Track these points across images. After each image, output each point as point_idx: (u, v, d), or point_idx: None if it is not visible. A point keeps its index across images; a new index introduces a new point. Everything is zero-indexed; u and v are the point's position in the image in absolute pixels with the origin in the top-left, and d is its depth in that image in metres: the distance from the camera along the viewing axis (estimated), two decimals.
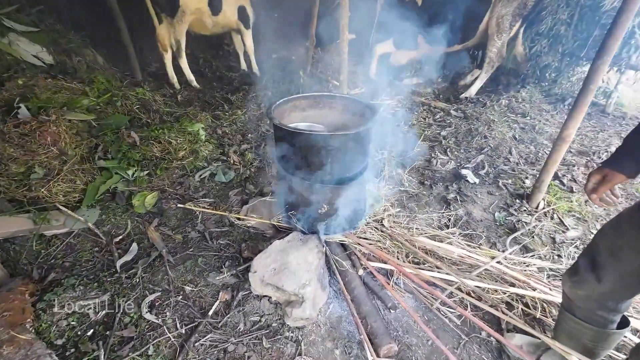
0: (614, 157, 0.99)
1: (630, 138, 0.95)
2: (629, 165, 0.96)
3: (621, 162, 0.97)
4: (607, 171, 0.99)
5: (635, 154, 0.94)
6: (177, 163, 2.39)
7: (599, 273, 1.00)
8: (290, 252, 1.54)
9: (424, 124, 3.21)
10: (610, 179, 0.99)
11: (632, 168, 0.95)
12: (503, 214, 2.18)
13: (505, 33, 3.57)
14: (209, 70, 4.27)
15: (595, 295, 1.04)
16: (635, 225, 0.89)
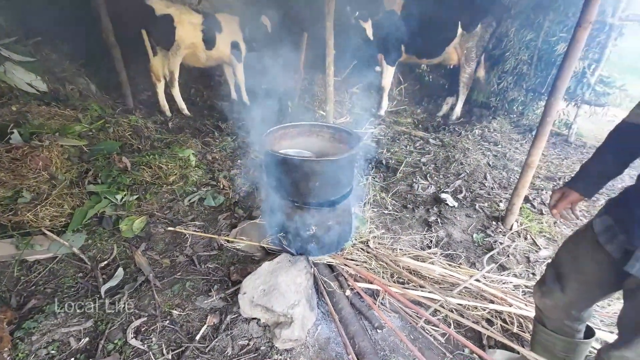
0: (572, 178, 1.15)
1: (586, 164, 1.12)
2: (583, 186, 1.11)
3: (577, 183, 1.12)
4: (565, 189, 1.14)
5: (588, 178, 1.10)
6: (167, 188, 2.42)
7: (562, 283, 1.11)
8: (279, 274, 1.58)
9: (405, 151, 3.41)
10: (568, 196, 1.13)
11: (585, 189, 1.10)
12: (481, 235, 2.31)
13: (472, 62, 4.00)
14: (200, 99, 4.43)
15: (560, 304, 1.14)
16: (589, 240, 1.02)
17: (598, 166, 1.09)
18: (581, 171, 1.13)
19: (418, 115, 4.53)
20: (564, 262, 1.13)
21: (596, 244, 0.98)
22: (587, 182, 1.11)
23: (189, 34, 3.42)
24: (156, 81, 3.54)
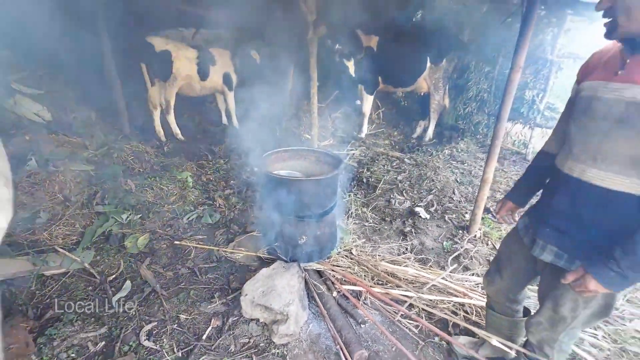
0: (509, 192, 1.50)
1: (518, 181, 1.48)
2: (516, 197, 1.47)
3: (512, 195, 1.48)
4: (505, 200, 1.50)
5: (519, 191, 1.45)
6: (168, 207, 2.64)
7: (501, 272, 1.44)
8: (275, 278, 1.83)
9: (384, 170, 3.79)
10: (506, 205, 1.49)
11: (518, 200, 1.46)
12: (449, 242, 2.64)
13: (440, 90, 4.54)
14: (193, 124, 4.70)
15: (501, 289, 1.46)
16: (516, 236, 1.35)
17: (525, 183, 1.45)
18: (514, 186, 1.49)
19: (395, 137, 4.98)
20: (501, 256, 1.46)
21: (519, 239, 1.32)
22: (518, 194, 1.47)
23: (185, 67, 3.75)
24: (153, 109, 3.80)
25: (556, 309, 1.15)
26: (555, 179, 1.13)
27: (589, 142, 0.99)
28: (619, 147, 0.92)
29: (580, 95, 1.04)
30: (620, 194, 0.94)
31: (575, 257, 1.06)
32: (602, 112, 0.95)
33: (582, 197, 1.02)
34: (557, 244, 1.11)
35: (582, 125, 1.02)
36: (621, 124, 0.91)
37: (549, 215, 1.14)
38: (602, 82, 0.96)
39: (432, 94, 4.59)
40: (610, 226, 0.98)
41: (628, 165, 0.92)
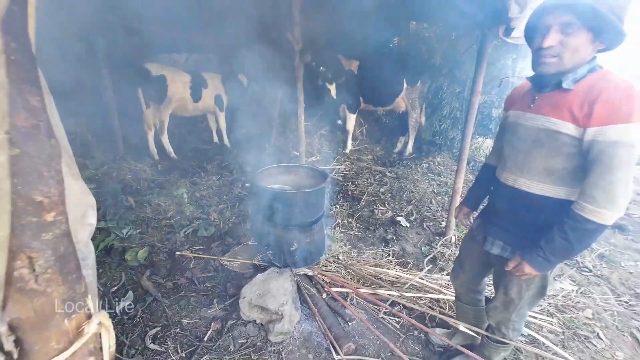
0: (464, 199, 1.78)
1: (470, 189, 1.75)
2: (469, 203, 1.74)
3: (466, 202, 1.75)
4: (461, 206, 1.77)
5: (471, 198, 1.72)
6: (166, 222, 2.79)
7: (463, 267, 1.70)
8: (270, 281, 2.02)
9: (367, 183, 4.08)
10: (462, 209, 1.76)
11: (471, 205, 1.73)
12: (427, 247, 2.91)
13: (417, 108, 4.94)
14: (184, 143, 4.88)
15: (464, 282, 1.72)
16: (472, 235, 1.62)
17: (475, 191, 1.73)
18: (467, 194, 1.77)
19: (377, 153, 5.32)
20: (462, 253, 1.72)
21: (474, 237, 1.58)
22: (471, 201, 1.74)
23: (180, 91, 3.98)
24: (148, 130, 3.99)
25: (507, 293, 1.41)
26: (497, 187, 1.42)
27: (517, 158, 1.27)
28: (537, 161, 1.20)
29: (508, 120, 1.34)
30: (542, 197, 1.22)
31: (516, 249, 1.32)
32: (523, 135, 1.25)
33: (516, 200, 1.29)
34: (502, 239, 1.38)
35: (512, 144, 1.31)
36: (536, 144, 1.19)
37: (494, 216, 1.42)
38: (521, 112, 1.27)
39: (409, 112, 4.99)
40: (537, 222, 1.25)
41: (544, 175, 1.20)
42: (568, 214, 1.11)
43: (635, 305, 2.42)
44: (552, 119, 1.12)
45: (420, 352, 1.91)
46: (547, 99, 1.17)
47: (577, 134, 1.07)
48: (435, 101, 5.36)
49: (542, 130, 1.16)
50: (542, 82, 1.20)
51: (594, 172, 1.04)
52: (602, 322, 2.18)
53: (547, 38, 1.06)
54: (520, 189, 1.26)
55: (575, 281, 2.58)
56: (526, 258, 1.21)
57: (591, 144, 1.04)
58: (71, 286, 0.76)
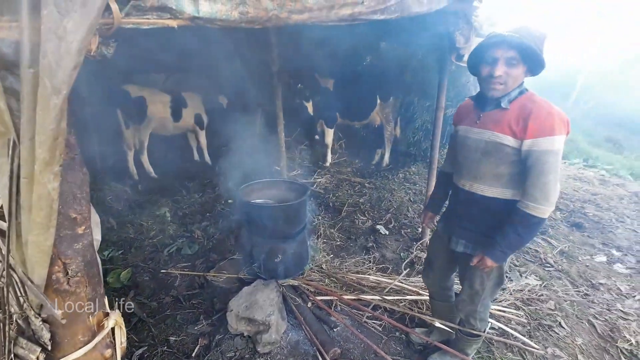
0: (426, 204, 1.96)
1: (431, 195, 1.94)
2: (431, 208, 1.91)
3: (429, 207, 1.93)
4: (425, 211, 1.95)
5: (432, 203, 1.91)
6: (149, 242, 2.79)
7: (432, 267, 1.86)
8: (256, 293, 2.08)
9: (347, 194, 4.24)
10: (427, 214, 1.93)
11: (433, 209, 1.90)
12: (406, 253, 3.07)
13: (391, 122, 5.22)
14: (165, 162, 4.87)
15: (435, 280, 1.87)
16: (438, 236, 1.79)
17: (436, 196, 1.91)
18: (430, 200, 1.96)
19: (356, 165, 5.53)
20: (430, 254, 1.88)
21: (440, 238, 1.75)
22: (432, 205, 1.92)
23: (159, 111, 4.03)
24: (127, 150, 3.98)
25: (471, 286, 1.58)
26: (456, 192, 1.61)
27: (471, 166, 1.47)
28: (487, 169, 1.41)
29: (458, 134, 1.55)
30: (493, 199, 1.42)
31: (477, 246, 1.50)
32: (473, 147, 1.45)
33: (473, 203, 1.49)
34: (465, 237, 1.56)
35: (464, 155, 1.51)
36: (486, 154, 1.40)
37: (456, 218, 1.60)
38: (469, 127, 1.48)
39: (384, 125, 5.27)
40: (491, 220, 1.45)
41: (494, 180, 1.41)
42: (517, 212, 1.32)
43: (592, 294, 2.67)
44: (496, 133, 1.34)
45: (402, 351, 2.03)
46: (491, 116, 1.39)
47: (516, 145, 1.29)
48: (408, 115, 5.69)
49: (489, 142, 1.37)
50: (485, 102, 1.42)
51: (532, 175, 1.27)
52: (563, 311, 2.39)
53: (497, 69, 1.27)
54: (476, 192, 1.46)
55: (539, 276, 2.82)
56: (487, 253, 1.40)
57: (528, 153, 1.26)
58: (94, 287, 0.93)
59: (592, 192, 5.23)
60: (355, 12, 1.06)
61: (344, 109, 4.97)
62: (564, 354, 2.04)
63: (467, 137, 1.47)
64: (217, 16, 0.82)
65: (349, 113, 5.06)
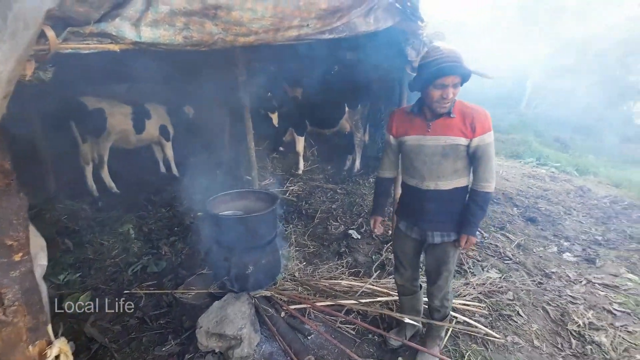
0: (373, 210, 2.04)
1: (374, 200, 2.03)
2: (377, 212, 2.01)
3: (374, 211, 2.03)
4: (373, 217, 2.03)
5: (377, 207, 2.01)
6: (111, 261, 2.63)
7: (403, 264, 1.95)
8: (227, 307, 2.04)
9: (320, 201, 4.29)
10: (376, 220, 2.02)
11: (379, 213, 2.01)
12: (377, 256, 3.16)
13: (360, 129, 5.37)
14: (128, 176, 4.64)
15: (408, 276, 1.97)
16: (402, 234, 1.89)
17: (380, 201, 2.03)
18: (375, 206, 2.05)
19: (328, 171, 5.61)
20: (398, 254, 1.98)
21: (405, 235, 1.86)
22: (377, 209, 2.02)
23: (120, 123, 3.85)
24: (85, 164, 3.74)
25: (448, 269, 1.78)
26: (417, 194, 1.73)
27: (431, 169, 1.65)
28: (447, 167, 1.62)
29: (407, 144, 1.69)
30: (455, 189, 1.66)
31: (450, 232, 1.70)
32: (430, 152, 1.62)
33: (440, 198, 1.67)
34: (440, 229, 1.72)
35: (423, 160, 1.66)
36: (444, 156, 1.60)
37: (426, 215, 1.73)
38: (422, 136, 1.64)
39: (354, 132, 5.41)
40: (458, 207, 1.69)
41: (453, 174, 1.63)
42: (476, 193, 1.63)
43: (545, 283, 2.90)
44: (451, 137, 1.58)
45: (374, 353, 2.08)
46: (440, 124, 1.59)
47: (467, 143, 1.58)
48: (375, 121, 5.89)
49: (446, 146, 1.60)
50: (433, 114, 1.60)
51: (482, 164, 1.60)
52: (520, 301, 2.58)
53: (448, 94, 1.49)
54: (442, 189, 1.67)
55: (499, 269, 3.02)
56: (468, 232, 1.66)
57: (476, 148, 1.58)
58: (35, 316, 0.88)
59: (543, 188, 5.71)
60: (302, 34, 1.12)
61: (313, 117, 5.06)
62: (522, 341, 2.20)
63: (422, 145, 1.63)
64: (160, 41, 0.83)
65: (319, 121, 5.15)
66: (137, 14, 0.79)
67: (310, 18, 1.11)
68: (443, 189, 1.65)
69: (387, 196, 1.97)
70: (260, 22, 0.96)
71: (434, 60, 1.49)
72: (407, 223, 1.85)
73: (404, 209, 1.87)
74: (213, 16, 0.90)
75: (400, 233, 1.91)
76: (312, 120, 5.09)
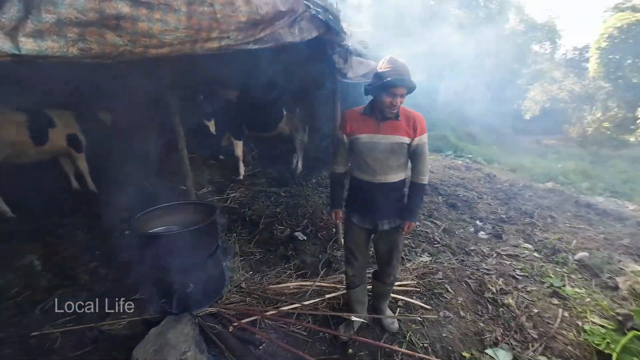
0: (332, 204, 2.14)
1: (333, 196, 2.13)
2: (335, 205, 2.12)
3: (333, 204, 2.13)
4: (334, 210, 2.13)
5: (334, 201, 2.12)
6: (8, 303, 2.17)
7: (355, 256, 2.07)
8: (167, 332, 1.87)
9: (264, 206, 4.21)
10: (336, 212, 2.12)
11: (337, 205, 2.11)
12: (323, 254, 3.24)
13: (300, 131, 5.44)
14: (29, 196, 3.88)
15: (360, 267, 2.09)
16: (355, 227, 2.01)
17: (336, 195, 2.14)
18: (333, 200, 2.16)
19: (271, 175, 5.54)
20: (351, 246, 2.08)
21: (358, 226, 2.00)
22: (336, 203, 2.14)
23: (11, 134, 3.20)
24: None
25: (398, 250, 2.04)
26: (369, 187, 1.90)
27: (383, 163, 1.85)
28: (394, 162, 1.84)
29: (360, 141, 1.84)
30: (398, 182, 1.91)
31: (396, 219, 1.94)
32: (381, 149, 1.81)
33: (389, 190, 1.90)
34: (387, 217, 1.94)
35: (375, 157, 1.84)
36: (392, 152, 1.81)
37: (377, 205, 1.92)
38: (374, 134, 1.81)
39: (294, 135, 5.45)
40: (400, 197, 1.94)
41: (397, 169, 1.88)
42: (416, 185, 1.93)
43: (466, 260, 3.36)
44: (399, 136, 1.82)
45: (326, 349, 2.14)
46: (389, 125, 1.81)
47: (409, 142, 1.84)
48: (314, 124, 6.03)
49: (394, 144, 1.83)
50: (383, 117, 1.80)
51: (420, 160, 1.89)
52: (448, 278, 2.93)
53: (396, 102, 1.73)
54: (389, 182, 1.90)
55: (430, 253, 3.38)
56: (411, 219, 1.95)
57: (416, 146, 1.86)
58: None
59: (461, 177, 6.57)
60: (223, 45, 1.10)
61: (251, 120, 4.94)
62: (451, 314, 2.50)
63: (375, 143, 1.82)
64: (48, 53, 0.72)
65: (257, 125, 5.05)
66: (11, 22, 0.66)
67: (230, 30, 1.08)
68: (390, 182, 1.89)
69: (343, 189, 2.10)
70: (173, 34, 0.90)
71: (389, 71, 1.69)
72: (359, 215, 2.00)
73: (355, 202, 2.02)
74: (115, 27, 0.80)
75: (352, 226, 2.04)
76: (250, 124, 4.96)
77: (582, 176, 7.75)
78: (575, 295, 2.80)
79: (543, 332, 2.36)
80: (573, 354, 2.20)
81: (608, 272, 3.15)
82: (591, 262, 3.30)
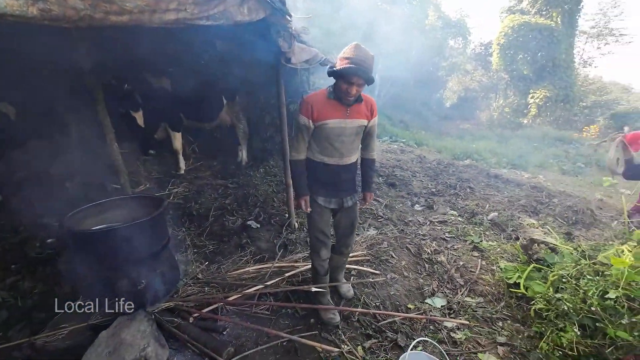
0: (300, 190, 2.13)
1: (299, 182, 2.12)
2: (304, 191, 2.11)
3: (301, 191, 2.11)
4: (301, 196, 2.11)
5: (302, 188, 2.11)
6: None
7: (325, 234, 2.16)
8: (120, 333, 1.76)
9: (211, 199, 4.07)
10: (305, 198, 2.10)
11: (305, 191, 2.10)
12: (279, 239, 3.32)
13: (242, 120, 5.31)
14: None
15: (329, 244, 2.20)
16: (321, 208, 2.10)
17: (300, 182, 2.15)
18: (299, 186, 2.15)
19: (215, 167, 5.33)
20: (320, 225, 2.13)
21: (324, 207, 2.10)
22: (302, 189, 2.11)
23: None
24: None
25: (354, 223, 2.19)
26: (334, 169, 2.02)
27: (348, 146, 1.99)
28: (356, 144, 2.04)
29: (328, 127, 1.90)
30: (356, 161, 2.08)
31: (355, 194, 2.17)
32: (349, 132, 1.94)
33: (350, 170, 2.07)
34: (349, 194, 2.11)
35: (342, 140, 1.95)
36: (357, 135, 2.01)
37: (343, 185, 2.08)
38: (342, 119, 1.91)
39: (236, 125, 5.30)
40: (355, 174, 2.10)
41: (357, 149, 2.05)
42: (369, 161, 2.17)
43: (405, 229, 3.79)
44: (361, 120, 1.97)
45: (290, 323, 2.26)
46: (354, 109, 1.94)
47: (366, 124, 2.01)
48: (257, 112, 5.93)
49: (359, 127, 1.99)
50: (348, 103, 1.89)
51: (372, 139, 2.12)
52: (392, 246, 3.29)
53: (352, 90, 1.80)
54: (352, 162, 2.07)
55: (375, 227, 3.73)
56: (371, 190, 2.24)
57: (370, 127, 2.05)
58: None
59: (397, 159, 7.22)
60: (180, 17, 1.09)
61: (189, 109, 4.64)
62: (396, 275, 2.84)
63: (343, 127, 1.93)
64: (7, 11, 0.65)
65: (195, 114, 4.78)
66: None
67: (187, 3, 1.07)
68: (353, 162, 2.07)
69: (305, 175, 2.07)
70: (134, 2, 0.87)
71: (349, 59, 1.73)
72: (325, 197, 2.09)
73: (321, 185, 2.07)
74: None
75: (319, 208, 2.10)
76: (187, 113, 4.67)
77: (491, 153, 9.21)
78: (490, 247, 3.41)
79: (468, 279, 2.85)
80: (490, 292, 2.71)
81: (512, 227, 3.90)
82: (499, 220, 4.04)
